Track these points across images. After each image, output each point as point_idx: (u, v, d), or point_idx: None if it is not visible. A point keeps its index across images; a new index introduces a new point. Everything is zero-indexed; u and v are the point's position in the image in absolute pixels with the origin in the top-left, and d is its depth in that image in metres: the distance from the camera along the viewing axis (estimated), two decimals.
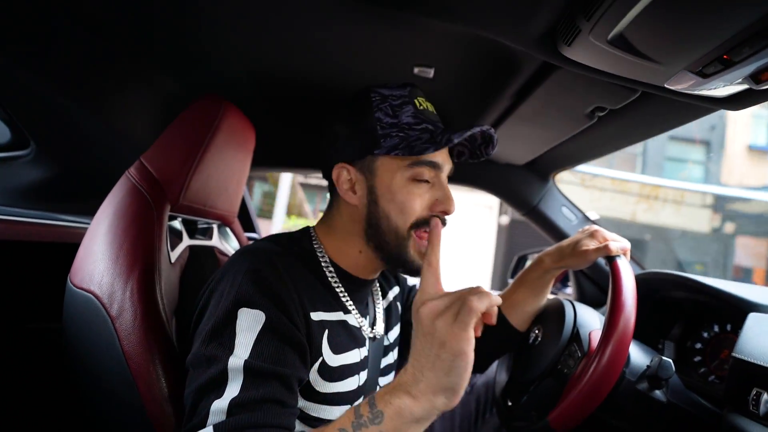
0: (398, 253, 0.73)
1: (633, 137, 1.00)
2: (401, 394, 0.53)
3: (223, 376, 0.58)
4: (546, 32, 0.64)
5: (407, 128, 0.73)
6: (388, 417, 0.52)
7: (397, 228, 0.73)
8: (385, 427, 0.52)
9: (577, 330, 0.90)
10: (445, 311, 0.53)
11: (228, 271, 0.68)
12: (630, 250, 0.89)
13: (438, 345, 0.52)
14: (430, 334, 0.53)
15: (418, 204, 0.73)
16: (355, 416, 0.54)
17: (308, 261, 0.75)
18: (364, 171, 0.74)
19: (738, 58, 0.53)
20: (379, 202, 0.73)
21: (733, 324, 0.97)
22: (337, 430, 0.54)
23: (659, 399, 0.77)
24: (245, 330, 0.61)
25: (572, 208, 1.43)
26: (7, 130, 1.03)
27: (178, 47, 0.94)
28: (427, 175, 0.73)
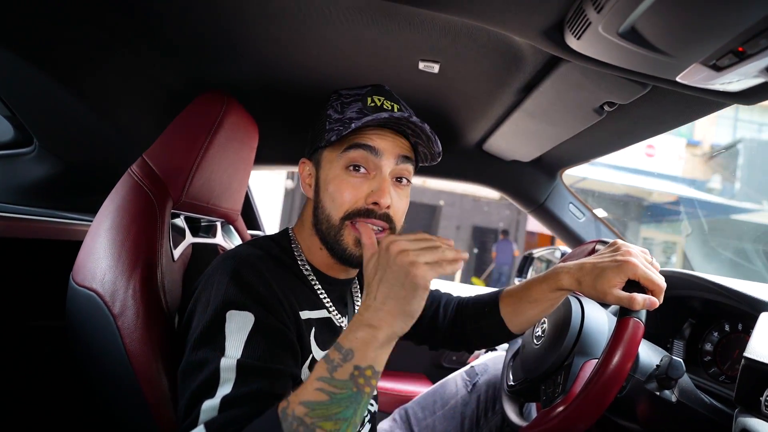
0: (334, 243, 0.74)
1: (643, 133, 0.98)
2: (363, 327, 0.57)
3: (215, 377, 0.58)
4: (554, 25, 0.63)
5: (348, 121, 0.73)
6: (356, 350, 0.56)
7: (329, 217, 0.74)
8: (356, 360, 0.55)
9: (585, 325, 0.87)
10: (417, 250, 0.56)
11: (211, 276, 0.68)
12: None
13: (404, 276, 0.55)
14: (397, 267, 0.56)
15: (349, 194, 0.72)
16: (328, 363, 0.56)
17: (287, 262, 0.76)
18: (315, 164, 0.78)
19: (753, 51, 0.51)
20: (319, 193, 0.76)
21: (745, 324, 0.95)
22: (316, 380, 0.55)
23: (669, 399, 0.76)
24: (235, 331, 0.61)
25: (580, 205, 1.41)
26: (11, 128, 1.03)
27: (182, 43, 0.94)
28: (362, 161, 0.72)
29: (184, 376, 0.62)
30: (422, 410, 1.11)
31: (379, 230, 0.73)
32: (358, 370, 0.55)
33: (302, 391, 0.55)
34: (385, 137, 0.74)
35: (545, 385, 0.84)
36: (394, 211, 0.74)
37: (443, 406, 1.11)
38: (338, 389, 0.54)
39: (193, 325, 0.65)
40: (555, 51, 0.67)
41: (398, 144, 0.75)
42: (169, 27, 0.88)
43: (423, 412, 1.10)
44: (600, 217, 1.42)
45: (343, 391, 0.54)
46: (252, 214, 1.73)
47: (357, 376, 0.55)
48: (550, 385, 0.84)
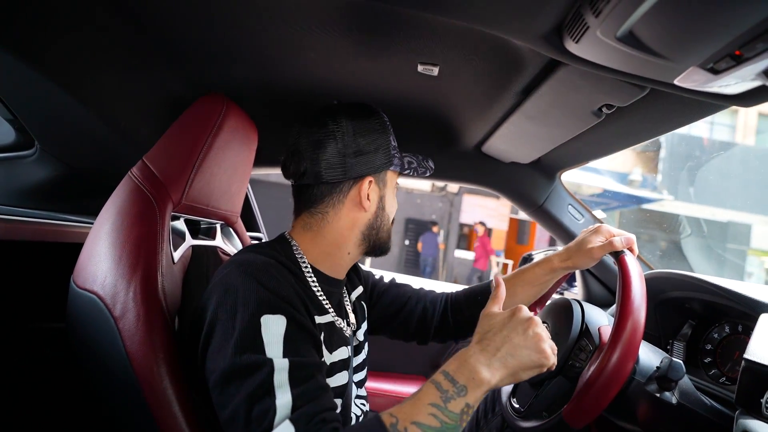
0: (387, 243, 0.90)
1: (641, 135, 0.98)
2: (481, 369, 0.63)
3: (270, 378, 0.61)
4: (553, 29, 0.63)
5: (397, 150, 0.89)
6: (470, 389, 0.62)
7: (388, 224, 0.89)
8: (468, 398, 0.62)
9: (586, 326, 0.89)
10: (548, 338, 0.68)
11: (231, 283, 0.68)
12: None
13: (535, 351, 0.65)
14: (531, 342, 0.66)
15: (394, 204, 0.92)
16: (441, 391, 0.62)
17: (292, 268, 0.78)
18: (379, 183, 0.86)
19: (750, 54, 0.51)
20: (386, 209, 0.88)
21: (745, 325, 0.96)
22: (430, 405, 0.61)
23: (669, 401, 0.76)
24: (272, 334, 0.64)
25: (578, 207, 1.41)
26: (12, 131, 1.03)
27: (182, 47, 0.94)
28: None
29: (226, 381, 0.63)
30: None
31: None
32: (467, 407, 0.62)
33: (413, 408, 0.61)
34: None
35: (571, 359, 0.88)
36: None
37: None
38: (449, 420, 0.60)
39: (219, 332, 0.66)
40: (554, 54, 0.68)
41: None
42: (170, 31, 0.88)
43: None
44: (599, 219, 1.42)
45: (452, 422, 0.61)
46: (252, 216, 1.73)
47: (465, 411, 0.62)
48: (577, 355, 0.87)
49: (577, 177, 7.42)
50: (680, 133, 8.88)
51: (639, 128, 0.95)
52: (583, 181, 7.79)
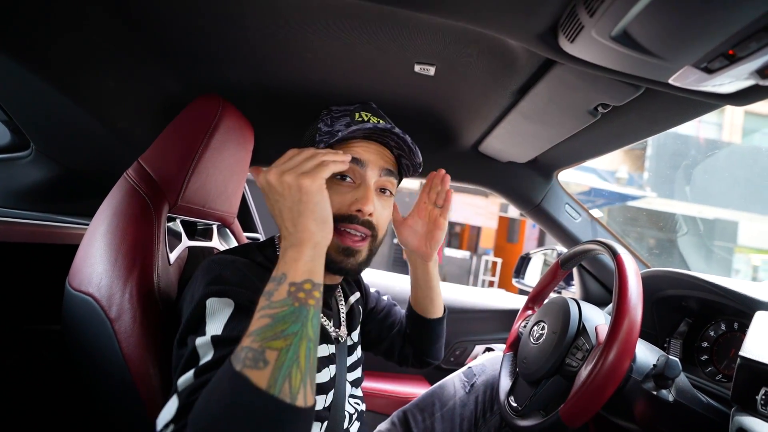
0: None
1: (637, 134, 0.99)
2: (287, 251, 0.61)
3: (194, 354, 0.58)
4: (548, 29, 0.63)
5: (336, 133, 0.78)
6: (288, 271, 0.58)
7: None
8: (290, 278, 0.58)
9: (582, 324, 0.89)
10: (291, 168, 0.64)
11: (195, 277, 0.69)
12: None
13: (296, 195, 0.62)
14: (286, 192, 0.62)
15: (334, 201, 0.75)
16: (265, 294, 0.57)
17: (270, 268, 0.76)
18: None
19: (744, 54, 0.52)
20: None
21: (740, 323, 0.96)
22: (257, 312, 0.55)
23: (666, 398, 0.76)
24: (215, 314, 0.62)
25: (575, 206, 1.42)
26: (8, 132, 1.03)
27: (178, 48, 0.94)
28: (348, 171, 0.76)
29: (174, 370, 0.62)
30: (420, 412, 1.11)
31: (362, 237, 0.76)
32: (294, 286, 0.57)
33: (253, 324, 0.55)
34: (370, 149, 0.78)
35: (567, 358, 0.88)
36: (377, 219, 0.77)
37: (441, 407, 1.11)
38: (278, 308, 0.54)
39: (181, 325, 0.66)
40: (549, 54, 0.68)
41: (383, 157, 0.80)
42: (165, 31, 0.88)
43: (421, 414, 1.10)
44: (596, 218, 1.43)
45: (284, 308, 0.54)
46: (249, 216, 1.73)
47: (295, 291, 0.56)
48: (574, 354, 0.87)
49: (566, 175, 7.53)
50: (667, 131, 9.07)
51: (634, 127, 0.96)
52: (570, 179, 7.91)
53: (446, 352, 1.66)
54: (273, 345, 0.51)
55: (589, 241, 0.96)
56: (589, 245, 0.96)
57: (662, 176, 8.73)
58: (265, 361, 0.50)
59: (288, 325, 0.53)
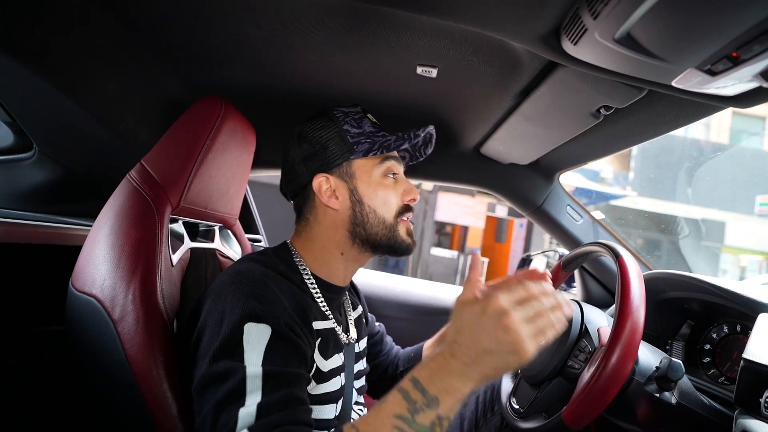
0: (389, 240, 0.83)
1: (639, 136, 0.99)
2: (453, 377, 0.56)
3: (242, 386, 0.59)
4: (551, 31, 0.63)
5: (372, 135, 0.83)
6: (443, 400, 0.56)
7: (385, 219, 0.82)
8: (441, 410, 0.56)
9: (585, 327, 0.89)
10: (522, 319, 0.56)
11: (223, 291, 0.69)
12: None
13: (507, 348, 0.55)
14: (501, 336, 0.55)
15: (394, 196, 0.84)
16: (409, 402, 0.56)
17: (292, 276, 0.79)
18: (342, 176, 0.82)
19: (747, 56, 0.52)
20: (363, 201, 0.82)
21: (743, 325, 0.96)
22: (395, 418, 0.55)
23: (668, 401, 0.76)
24: (254, 342, 0.63)
25: (577, 208, 1.42)
26: (11, 133, 1.03)
27: (180, 50, 0.94)
28: (395, 169, 0.85)
29: (203, 388, 0.62)
30: None
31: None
32: (439, 419, 0.56)
33: (376, 422, 0.56)
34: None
35: (570, 360, 0.87)
36: None
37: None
38: (415, 431, 0.55)
39: (206, 338, 0.66)
40: (552, 56, 0.68)
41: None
42: (168, 34, 0.88)
43: None
44: (597, 220, 1.43)
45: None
46: (250, 218, 1.73)
47: (436, 424, 0.56)
48: (576, 356, 0.87)
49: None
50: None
51: (637, 129, 0.96)
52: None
53: None
54: None
55: (591, 243, 0.96)
56: (591, 247, 0.96)
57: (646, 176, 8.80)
58: None
59: None
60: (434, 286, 1.78)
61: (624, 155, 8.71)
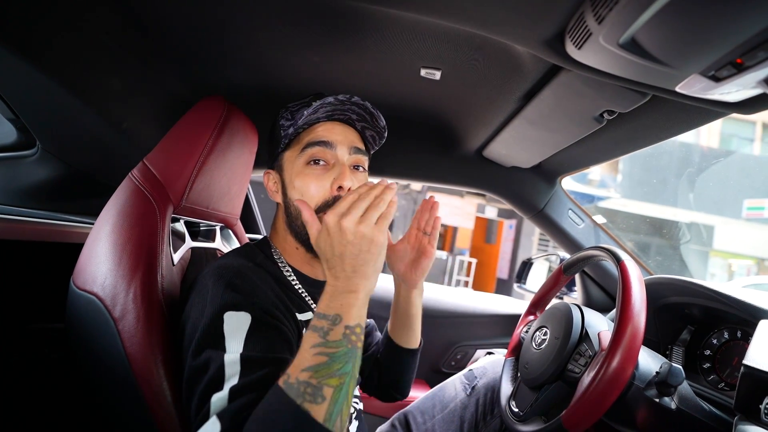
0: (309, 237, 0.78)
1: (642, 141, 0.99)
2: (343, 294, 0.61)
3: (221, 373, 0.60)
4: (555, 35, 0.63)
5: (291, 127, 0.80)
6: (343, 314, 0.60)
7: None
8: (345, 321, 0.60)
9: (585, 331, 0.89)
10: (362, 215, 0.63)
11: (204, 284, 0.70)
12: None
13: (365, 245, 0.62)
14: (355, 240, 0.62)
15: (315, 186, 0.78)
16: (317, 330, 0.59)
17: (271, 268, 0.80)
18: (278, 170, 0.84)
19: (752, 62, 0.52)
20: (288, 193, 0.81)
21: (744, 331, 0.96)
22: (312, 348, 0.57)
23: (668, 406, 0.76)
24: (234, 330, 0.64)
25: (579, 211, 1.42)
26: (14, 130, 1.03)
27: (184, 49, 0.94)
28: (320, 154, 0.79)
29: (190, 382, 0.63)
30: (421, 414, 1.11)
31: None
32: (348, 329, 0.59)
33: (299, 360, 0.57)
34: (335, 129, 0.81)
35: (570, 364, 0.87)
36: None
37: (442, 409, 1.11)
38: (335, 348, 0.58)
39: (188, 331, 0.67)
40: (556, 60, 0.68)
41: (349, 136, 0.82)
42: (172, 33, 0.88)
43: (422, 417, 1.10)
44: (599, 224, 1.42)
45: (340, 349, 0.58)
46: (252, 218, 1.73)
47: (349, 334, 0.59)
48: (576, 360, 0.86)
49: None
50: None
51: (640, 134, 0.96)
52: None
53: (447, 356, 1.66)
54: (329, 383, 0.55)
55: (593, 247, 0.96)
56: (592, 251, 0.96)
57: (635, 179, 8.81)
58: (323, 396, 0.54)
59: (342, 365, 0.57)
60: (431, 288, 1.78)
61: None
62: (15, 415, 0.89)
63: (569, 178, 1.43)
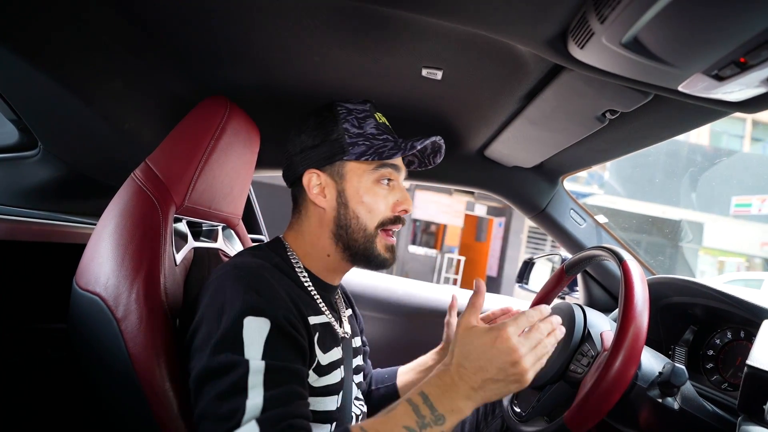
0: (366, 250, 0.81)
1: (645, 141, 0.99)
2: (461, 398, 0.61)
3: (244, 379, 0.61)
4: (558, 34, 0.63)
5: (371, 137, 0.81)
6: (448, 420, 0.60)
7: (366, 227, 0.81)
8: (446, 426, 0.60)
9: (588, 331, 0.89)
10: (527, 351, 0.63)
11: (221, 284, 0.70)
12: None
13: (510, 377, 0.62)
14: (505, 366, 0.62)
15: (382, 204, 0.81)
16: (417, 416, 0.59)
17: (287, 270, 0.80)
18: (333, 176, 0.82)
19: (755, 61, 0.52)
20: (348, 204, 0.81)
21: (747, 331, 0.95)
22: (402, 428, 0.59)
23: (671, 406, 0.76)
24: (253, 336, 0.64)
25: (581, 211, 1.41)
26: (16, 131, 1.03)
27: (186, 49, 0.94)
28: (392, 177, 0.83)
29: (203, 380, 0.63)
30: None
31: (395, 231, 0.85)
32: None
33: (384, 428, 0.60)
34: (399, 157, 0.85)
35: (572, 364, 0.87)
36: None
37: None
38: None
39: (204, 331, 0.67)
40: (558, 60, 0.68)
41: (401, 160, 0.86)
42: (174, 33, 0.88)
43: None
44: (601, 223, 1.42)
45: None
46: (254, 218, 1.73)
47: None
48: (579, 360, 0.86)
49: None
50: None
51: (642, 134, 0.96)
52: None
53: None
54: None
55: (595, 247, 0.96)
56: (594, 251, 0.95)
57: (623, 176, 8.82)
58: None
59: None
60: (430, 288, 1.78)
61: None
62: (17, 415, 0.89)
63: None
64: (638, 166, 8.71)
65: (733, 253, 9.38)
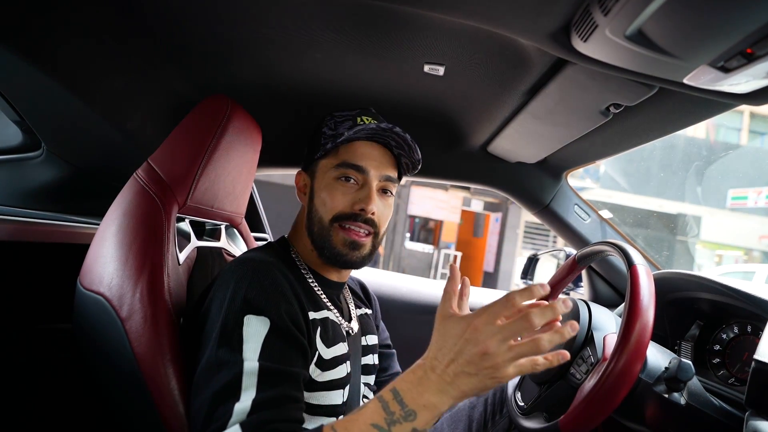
0: (324, 242, 0.82)
1: (649, 134, 0.98)
2: (433, 393, 0.57)
3: (238, 380, 0.61)
4: (561, 28, 0.63)
5: (340, 136, 0.82)
6: (420, 415, 0.56)
7: (321, 220, 0.82)
8: (417, 423, 0.56)
9: (591, 333, 0.88)
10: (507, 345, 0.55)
11: (230, 279, 0.71)
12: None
13: (486, 373, 0.55)
14: (480, 362, 0.55)
15: (339, 200, 0.81)
16: (387, 412, 0.56)
17: (291, 266, 0.82)
18: (310, 175, 0.87)
19: (762, 52, 0.51)
20: (313, 199, 0.84)
21: (754, 326, 0.95)
22: (372, 426, 0.56)
23: (678, 401, 0.75)
24: (252, 335, 0.65)
25: (585, 207, 1.41)
26: (19, 132, 1.04)
27: (188, 48, 0.94)
28: (352, 175, 0.82)
29: (204, 372, 0.65)
30: None
31: (366, 233, 0.82)
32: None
33: (353, 426, 0.57)
34: (373, 153, 0.83)
35: (572, 368, 0.86)
36: (378, 218, 0.83)
37: (450, 408, 1.10)
38: None
39: (209, 323, 0.69)
40: (561, 53, 0.67)
41: (383, 161, 0.84)
42: (175, 33, 0.88)
43: None
44: (605, 219, 1.41)
45: None
46: (257, 217, 1.73)
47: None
48: (578, 365, 0.86)
49: None
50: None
51: (647, 127, 0.95)
52: None
53: None
54: None
55: (603, 242, 0.95)
56: (604, 246, 0.94)
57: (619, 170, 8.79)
58: None
59: None
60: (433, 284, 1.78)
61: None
62: (23, 415, 0.89)
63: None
64: (634, 160, 8.65)
65: (731, 246, 9.32)
